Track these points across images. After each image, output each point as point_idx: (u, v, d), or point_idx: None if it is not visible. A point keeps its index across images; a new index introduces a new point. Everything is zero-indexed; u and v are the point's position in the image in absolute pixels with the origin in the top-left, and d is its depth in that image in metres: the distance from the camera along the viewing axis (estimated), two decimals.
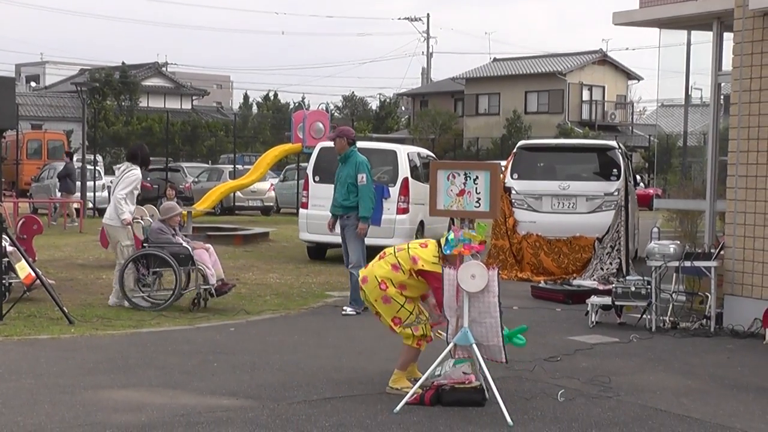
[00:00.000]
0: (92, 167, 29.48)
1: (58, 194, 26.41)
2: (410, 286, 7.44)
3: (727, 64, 11.56)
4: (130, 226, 11.50)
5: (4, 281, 10.82)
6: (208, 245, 12.04)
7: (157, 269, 11.59)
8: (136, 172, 11.57)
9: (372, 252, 16.91)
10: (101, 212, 28.89)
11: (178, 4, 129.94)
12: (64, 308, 10.43)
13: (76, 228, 23.58)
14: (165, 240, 11.64)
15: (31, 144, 38.62)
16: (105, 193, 29.94)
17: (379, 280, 7.43)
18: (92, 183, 28.70)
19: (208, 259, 11.66)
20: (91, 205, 28.61)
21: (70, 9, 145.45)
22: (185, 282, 11.56)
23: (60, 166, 31.05)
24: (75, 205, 25.60)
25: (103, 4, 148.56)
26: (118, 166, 11.95)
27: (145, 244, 11.62)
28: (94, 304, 11.64)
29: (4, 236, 10.59)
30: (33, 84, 69.78)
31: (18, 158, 34.86)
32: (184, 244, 11.72)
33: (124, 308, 11.35)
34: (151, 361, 8.56)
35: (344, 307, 11.49)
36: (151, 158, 12.60)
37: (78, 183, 27.39)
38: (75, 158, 29.02)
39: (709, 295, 10.78)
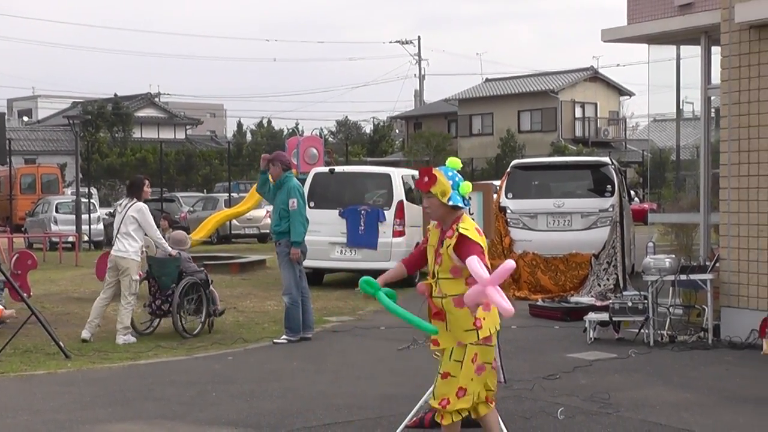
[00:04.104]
0: (86, 200, 29.45)
1: None
2: None
3: (716, 77, 11.61)
4: (140, 261, 11.55)
5: None
6: None
7: (191, 296, 11.85)
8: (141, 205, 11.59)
9: (373, 276, 16.97)
10: (97, 245, 29.00)
11: (169, 34, 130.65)
12: (61, 343, 10.39)
13: (71, 261, 23.52)
14: (194, 269, 12.04)
15: (25, 179, 38.61)
16: (100, 226, 29.96)
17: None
18: (87, 216, 28.66)
19: None
20: (86, 238, 28.58)
21: (61, 42, 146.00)
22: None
23: (54, 200, 31.10)
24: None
25: (93, 36, 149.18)
26: (120, 201, 12.00)
27: (182, 275, 11.79)
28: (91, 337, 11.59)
29: None
30: (25, 118, 70.02)
31: (12, 193, 34.87)
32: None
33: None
34: (149, 393, 8.53)
35: (276, 339, 11.32)
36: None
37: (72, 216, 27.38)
38: (70, 191, 28.98)
39: (705, 307, 10.79)
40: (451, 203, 5.78)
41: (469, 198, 5.97)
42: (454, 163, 5.95)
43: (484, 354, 5.88)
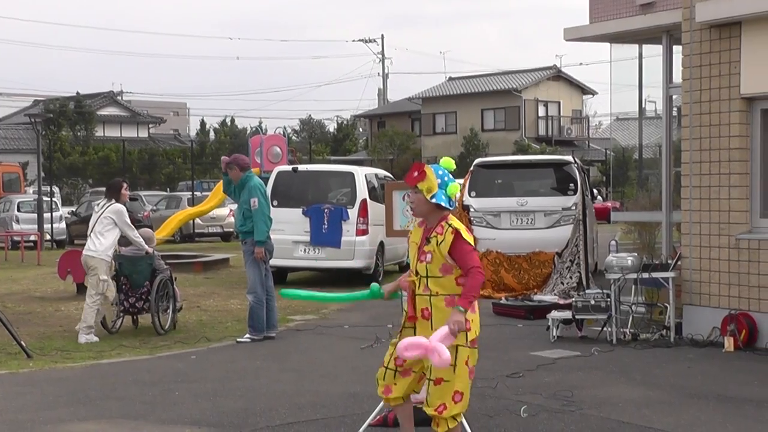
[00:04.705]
0: (49, 199, 29.16)
1: None
2: None
3: (677, 76, 11.70)
4: (110, 262, 11.45)
5: None
6: None
7: (161, 293, 11.84)
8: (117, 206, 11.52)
9: (337, 274, 17.09)
10: (59, 244, 28.74)
11: (132, 32, 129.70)
12: (22, 342, 10.29)
13: (33, 260, 23.29)
14: (164, 266, 12.05)
15: None
16: (63, 225, 29.69)
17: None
18: (49, 215, 28.40)
19: None
20: (48, 237, 28.31)
21: (22, 40, 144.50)
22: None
23: (16, 199, 30.82)
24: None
25: (55, 34, 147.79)
26: (98, 202, 11.96)
27: (156, 273, 11.78)
28: (53, 336, 11.50)
29: None
30: None
31: None
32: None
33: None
34: (111, 393, 8.46)
35: (239, 338, 11.31)
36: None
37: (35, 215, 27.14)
38: (31, 190, 28.73)
39: (668, 305, 10.88)
40: (434, 201, 5.79)
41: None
42: (447, 163, 5.95)
43: (474, 357, 5.90)
